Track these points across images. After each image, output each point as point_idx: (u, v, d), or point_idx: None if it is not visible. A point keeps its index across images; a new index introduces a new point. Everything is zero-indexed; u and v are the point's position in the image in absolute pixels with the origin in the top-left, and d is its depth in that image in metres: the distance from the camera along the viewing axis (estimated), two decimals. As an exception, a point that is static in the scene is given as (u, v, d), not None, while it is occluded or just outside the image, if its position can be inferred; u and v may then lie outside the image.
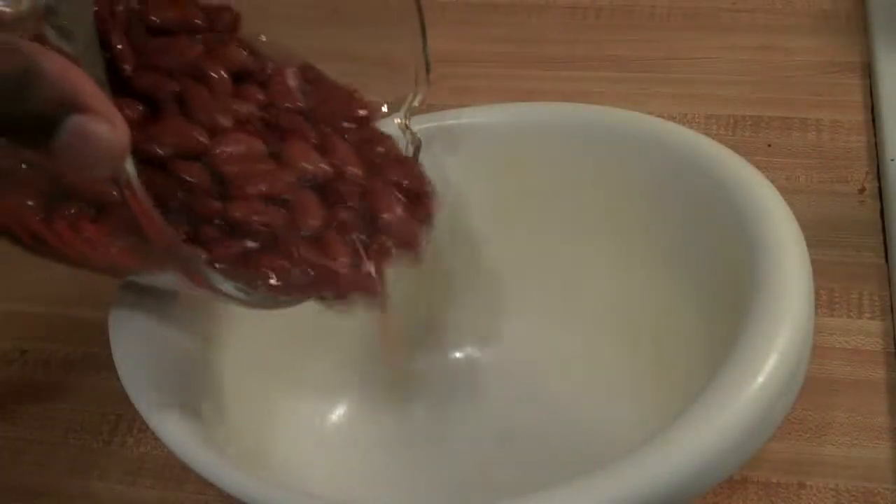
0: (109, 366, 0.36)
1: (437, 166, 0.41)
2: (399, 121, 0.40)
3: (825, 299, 0.48)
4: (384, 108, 0.40)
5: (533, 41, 0.67)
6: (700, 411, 0.30)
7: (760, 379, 0.31)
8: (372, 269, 0.35)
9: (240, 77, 0.37)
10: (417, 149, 0.40)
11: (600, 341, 0.45)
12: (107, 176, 0.29)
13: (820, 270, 0.36)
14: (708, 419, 0.30)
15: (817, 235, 0.49)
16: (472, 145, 0.44)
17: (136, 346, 0.36)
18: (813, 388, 0.43)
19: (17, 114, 0.28)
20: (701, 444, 0.30)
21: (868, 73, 0.61)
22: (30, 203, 0.33)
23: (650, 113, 0.43)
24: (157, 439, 0.33)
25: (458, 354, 0.47)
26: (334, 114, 0.38)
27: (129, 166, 0.29)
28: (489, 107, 0.45)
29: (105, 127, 0.28)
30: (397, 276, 0.36)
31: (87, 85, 0.28)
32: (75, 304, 0.52)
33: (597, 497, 0.29)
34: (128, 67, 0.35)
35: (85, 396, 0.48)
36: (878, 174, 0.54)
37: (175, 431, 0.33)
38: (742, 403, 0.30)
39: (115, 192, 0.29)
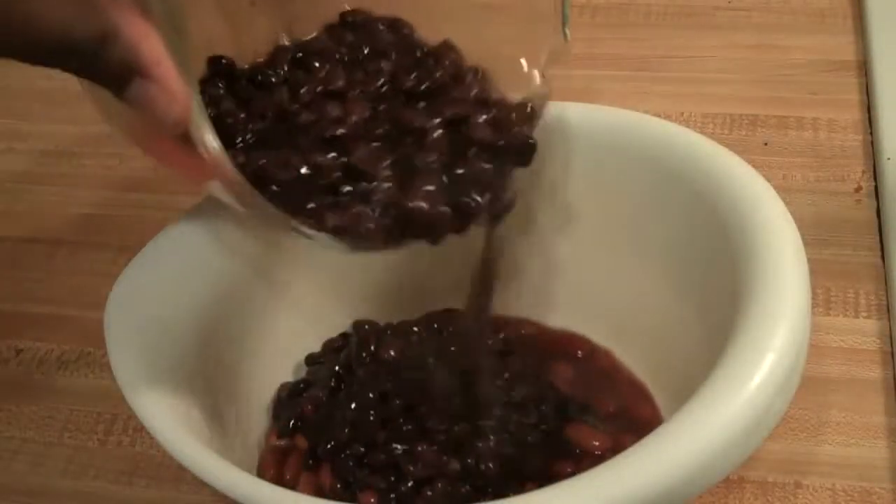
0: (105, 365, 0.36)
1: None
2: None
3: (821, 298, 0.48)
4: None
5: (529, 39, 0.67)
6: (697, 411, 0.30)
7: (757, 378, 0.31)
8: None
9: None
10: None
11: (597, 340, 0.45)
12: (176, 133, 0.30)
13: (816, 269, 0.36)
14: (705, 419, 0.30)
15: (814, 234, 0.49)
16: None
17: (131, 345, 0.36)
18: (809, 387, 0.43)
19: (98, 67, 0.29)
20: (698, 444, 0.29)
21: (864, 71, 0.61)
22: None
23: (646, 112, 0.43)
24: (152, 439, 0.33)
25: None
26: None
27: (208, 137, 0.29)
28: None
29: (162, 97, 0.29)
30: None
31: (155, 52, 0.29)
32: (70, 303, 0.52)
33: (594, 497, 0.29)
34: None
35: (80, 396, 0.48)
36: (875, 173, 0.54)
37: (170, 431, 0.33)
38: (739, 403, 0.30)
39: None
